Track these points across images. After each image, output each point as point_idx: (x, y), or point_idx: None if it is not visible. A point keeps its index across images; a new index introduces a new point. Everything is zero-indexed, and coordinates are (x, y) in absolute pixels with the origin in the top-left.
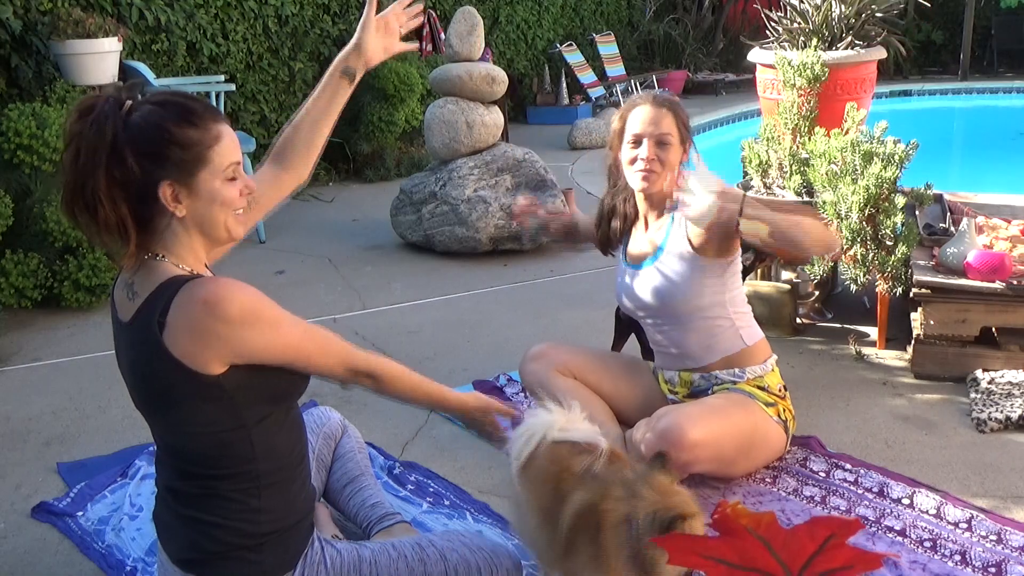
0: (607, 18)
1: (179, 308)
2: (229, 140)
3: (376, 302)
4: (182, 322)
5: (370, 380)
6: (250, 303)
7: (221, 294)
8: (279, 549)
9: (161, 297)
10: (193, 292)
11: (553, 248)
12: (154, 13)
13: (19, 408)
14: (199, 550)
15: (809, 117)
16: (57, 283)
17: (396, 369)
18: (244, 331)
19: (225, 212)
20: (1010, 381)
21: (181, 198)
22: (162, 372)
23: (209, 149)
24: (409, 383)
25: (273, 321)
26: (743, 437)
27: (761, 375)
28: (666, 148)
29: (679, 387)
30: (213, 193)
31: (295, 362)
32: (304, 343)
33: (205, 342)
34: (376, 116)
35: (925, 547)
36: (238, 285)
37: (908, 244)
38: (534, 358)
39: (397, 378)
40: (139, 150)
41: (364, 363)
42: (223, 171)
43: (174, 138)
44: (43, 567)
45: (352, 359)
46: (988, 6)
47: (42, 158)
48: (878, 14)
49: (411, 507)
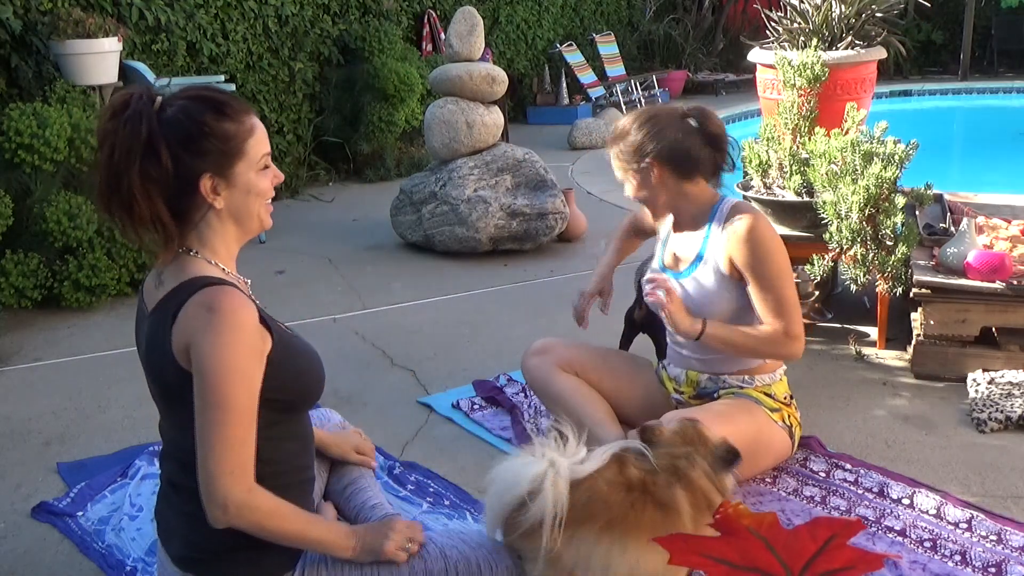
0: (607, 18)
1: (189, 308)
2: (261, 132)
3: (376, 302)
4: (184, 322)
5: (238, 511)
6: (229, 322)
7: (220, 302)
8: (276, 550)
9: (182, 292)
10: (206, 296)
11: (553, 248)
12: (154, 13)
13: (19, 408)
14: (197, 549)
15: (809, 117)
16: (57, 283)
17: (276, 507)
18: (200, 335)
19: (259, 202)
20: (1010, 381)
21: (220, 190)
22: (167, 366)
23: (244, 141)
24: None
25: (225, 353)
26: (748, 442)
27: (769, 384)
28: (633, 186)
29: (685, 386)
30: (249, 184)
31: (199, 408)
32: (219, 408)
33: (187, 342)
34: (376, 116)
35: (925, 547)
36: (244, 307)
37: (908, 244)
38: (537, 353)
39: (273, 512)
40: (177, 145)
41: (245, 490)
42: (257, 162)
43: (213, 131)
44: (43, 567)
45: (237, 479)
46: (988, 6)
47: (42, 158)
48: (878, 14)
49: (411, 507)
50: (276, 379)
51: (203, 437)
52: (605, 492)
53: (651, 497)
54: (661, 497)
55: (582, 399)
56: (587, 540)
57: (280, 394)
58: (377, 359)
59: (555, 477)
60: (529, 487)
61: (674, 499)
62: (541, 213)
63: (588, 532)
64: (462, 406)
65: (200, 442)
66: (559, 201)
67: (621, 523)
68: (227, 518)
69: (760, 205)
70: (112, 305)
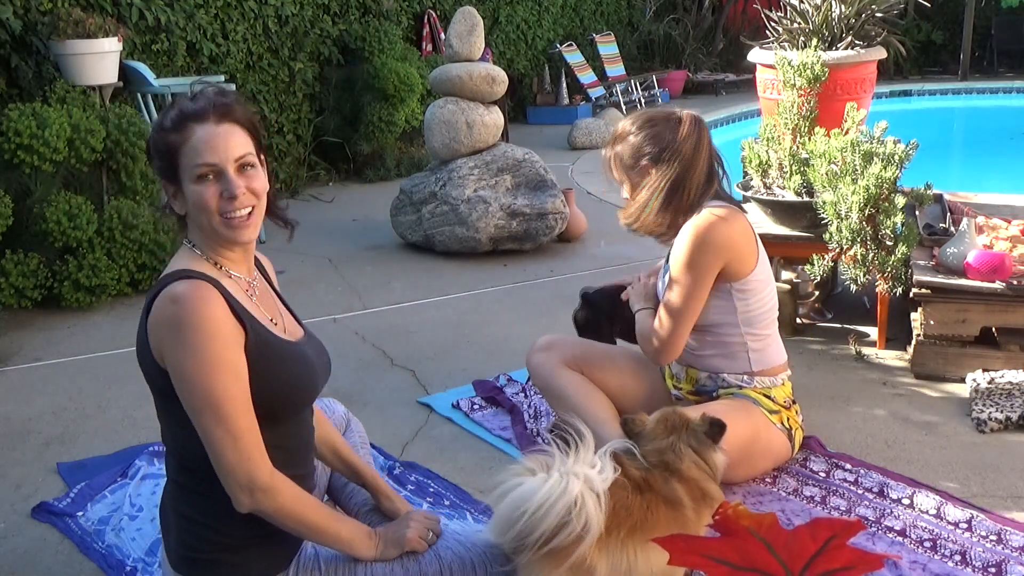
0: (607, 18)
1: (158, 302)
2: (198, 142)
3: (376, 302)
4: (155, 316)
5: (263, 495)
6: (193, 315)
7: (183, 295)
8: (263, 553)
9: (159, 285)
10: (173, 289)
11: (553, 248)
12: (154, 13)
13: (19, 408)
14: (190, 548)
15: (809, 117)
16: (57, 283)
17: (300, 494)
18: (166, 333)
19: (206, 215)
20: (1010, 381)
21: (177, 196)
22: (145, 357)
23: (177, 152)
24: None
25: (196, 351)
26: (746, 444)
27: (770, 387)
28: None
29: (684, 383)
30: (191, 195)
31: (193, 413)
32: (213, 406)
33: (159, 340)
34: (376, 116)
35: (925, 547)
36: (209, 300)
37: (908, 244)
38: (542, 349)
39: (297, 499)
40: (148, 152)
41: (267, 473)
42: (190, 172)
43: (155, 142)
44: (43, 567)
45: (256, 463)
46: (988, 6)
47: (42, 158)
48: (878, 14)
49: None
50: (251, 380)
51: (208, 440)
52: (624, 498)
53: (659, 495)
54: (666, 493)
55: (585, 397)
56: (615, 548)
57: (254, 395)
58: (377, 359)
59: (593, 495)
60: (565, 509)
61: (676, 493)
62: (541, 213)
63: (615, 540)
64: (462, 406)
65: (208, 444)
66: (559, 201)
67: (642, 526)
68: (252, 502)
69: (760, 205)
70: (112, 305)
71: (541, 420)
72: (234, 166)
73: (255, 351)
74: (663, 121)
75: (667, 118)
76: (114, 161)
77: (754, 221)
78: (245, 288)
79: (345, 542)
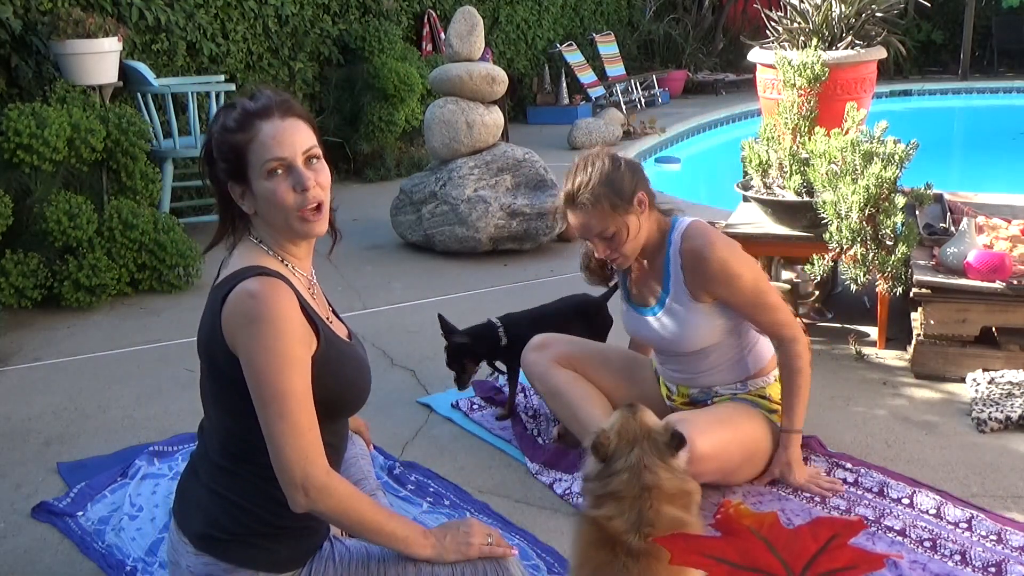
0: (607, 18)
1: (234, 295)
2: (266, 138)
3: (376, 302)
4: (230, 307)
5: (319, 494)
6: (269, 311)
7: (260, 291)
8: (293, 543)
9: (234, 279)
10: (251, 284)
11: (553, 248)
12: (154, 13)
13: (19, 408)
14: (219, 528)
15: (809, 117)
16: (57, 283)
17: (354, 493)
18: (241, 326)
19: (280, 210)
20: (1010, 381)
21: (246, 196)
22: (215, 345)
23: (245, 150)
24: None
25: (269, 346)
26: (748, 446)
27: (763, 387)
28: (613, 238)
29: (677, 396)
30: (263, 191)
31: (259, 404)
32: (279, 399)
33: (233, 331)
34: (376, 116)
35: (925, 547)
36: (284, 297)
37: (908, 244)
38: (536, 348)
39: (352, 497)
40: (206, 156)
41: (323, 472)
42: (260, 169)
43: (219, 144)
44: (43, 567)
45: (313, 461)
46: (988, 6)
47: (42, 158)
48: (878, 14)
49: (411, 507)
50: (318, 380)
51: (270, 432)
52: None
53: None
54: (644, 549)
55: (579, 395)
56: None
57: (319, 394)
58: (377, 359)
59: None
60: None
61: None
62: (541, 213)
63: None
64: (462, 406)
65: (269, 437)
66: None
67: None
68: (308, 501)
69: (760, 205)
70: (112, 305)
71: (540, 420)
72: (302, 159)
73: (324, 350)
74: (586, 163)
75: (585, 160)
76: (114, 161)
77: (754, 221)
78: (307, 286)
79: (401, 540)
